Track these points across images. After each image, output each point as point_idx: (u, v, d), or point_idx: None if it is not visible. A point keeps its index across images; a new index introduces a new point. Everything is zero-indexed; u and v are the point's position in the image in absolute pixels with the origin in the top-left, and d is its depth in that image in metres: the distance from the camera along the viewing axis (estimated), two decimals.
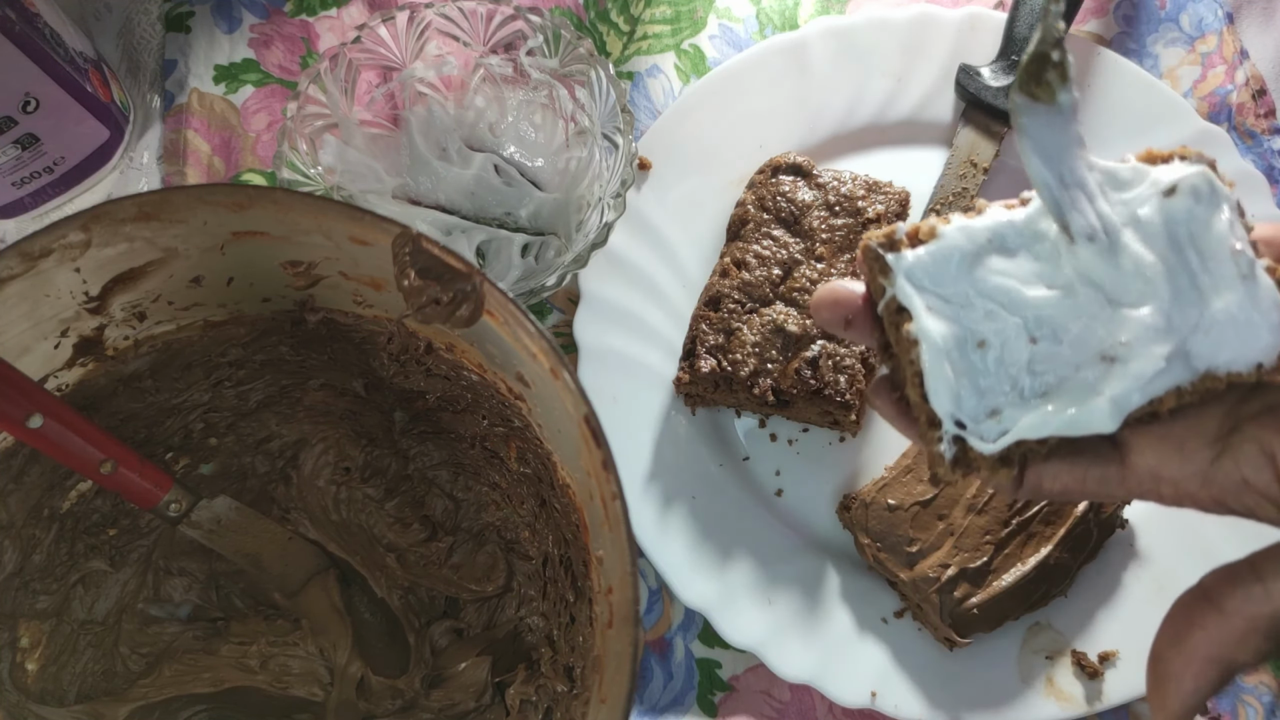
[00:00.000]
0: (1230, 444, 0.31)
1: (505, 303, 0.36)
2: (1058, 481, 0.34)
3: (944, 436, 0.32)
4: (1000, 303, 0.32)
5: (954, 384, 0.32)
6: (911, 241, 0.33)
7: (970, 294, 0.32)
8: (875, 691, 0.53)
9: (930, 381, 0.32)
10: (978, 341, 0.32)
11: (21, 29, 0.51)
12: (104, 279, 0.39)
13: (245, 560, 0.50)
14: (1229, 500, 0.31)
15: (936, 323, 0.32)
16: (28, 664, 0.47)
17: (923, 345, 0.32)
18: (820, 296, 0.36)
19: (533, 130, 0.61)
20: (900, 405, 0.35)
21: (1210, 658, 0.30)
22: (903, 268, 0.32)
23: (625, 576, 0.34)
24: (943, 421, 0.32)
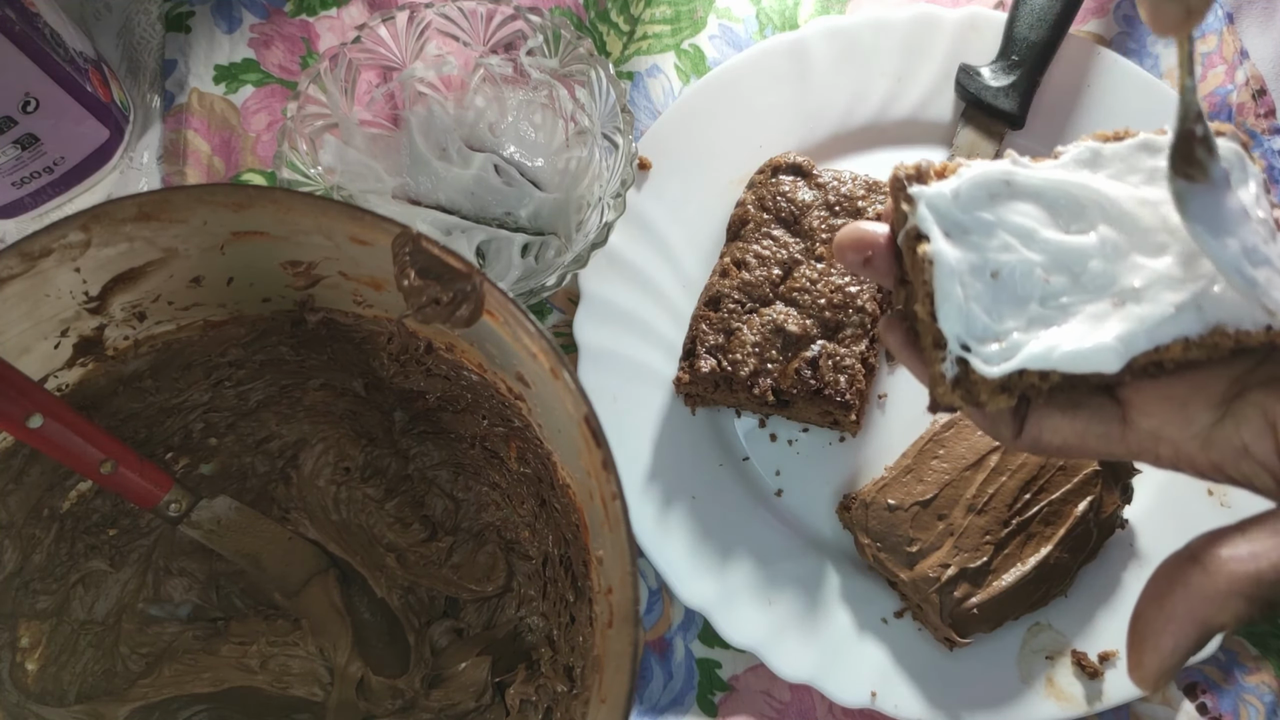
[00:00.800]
0: (1234, 408, 0.31)
1: (505, 303, 0.36)
2: (1058, 435, 0.34)
3: (948, 356, 0.32)
4: (1018, 237, 0.33)
5: (963, 306, 0.32)
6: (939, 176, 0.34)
7: (989, 226, 0.33)
8: (875, 691, 0.53)
9: (940, 300, 0.32)
10: (991, 271, 0.32)
11: (21, 29, 0.51)
12: (104, 279, 0.39)
13: (245, 560, 0.50)
14: (1227, 466, 0.31)
15: (952, 246, 0.32)
16: (28, 664, 0.47)
17: (936, 264, 0.32)
18: (844, 236, 0.36)
19: (533, 130, 0.61)
20: (909, 336, 0.35)
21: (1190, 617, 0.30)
22: (925, 197, 0.33)
23: (625, 576, 0.34)
24: (948, 341, 0.32)
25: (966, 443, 0.54)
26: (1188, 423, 0.31)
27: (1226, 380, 0.31)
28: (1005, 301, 0.32)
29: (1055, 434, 0.34)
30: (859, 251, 0.36)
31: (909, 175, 0.34)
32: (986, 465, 0.53)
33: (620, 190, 0.53)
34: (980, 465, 0.53)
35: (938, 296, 0.32)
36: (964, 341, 0.32)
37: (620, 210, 0.53)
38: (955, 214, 0.33)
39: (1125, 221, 0.33)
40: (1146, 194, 0.33)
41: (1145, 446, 0.33)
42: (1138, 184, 0.33)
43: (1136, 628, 0.31)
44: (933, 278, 0.32)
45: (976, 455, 0.53)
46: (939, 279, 0.32)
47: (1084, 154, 0.34)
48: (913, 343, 0.35)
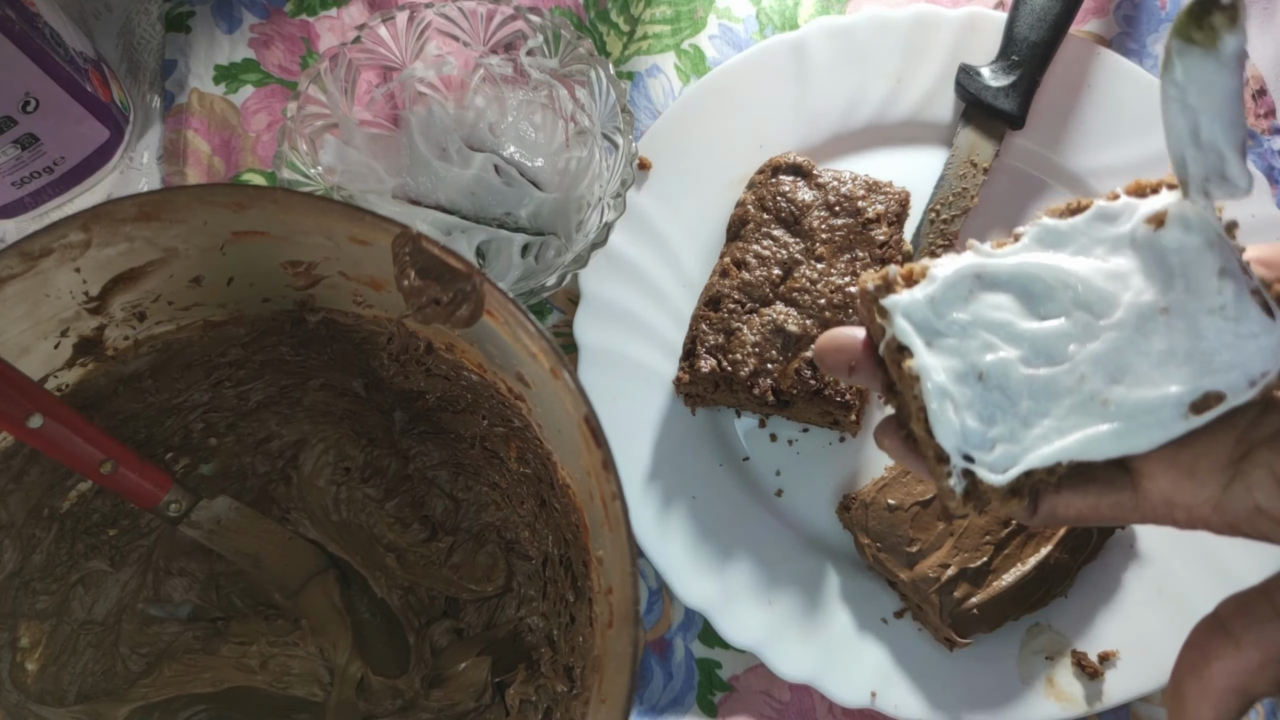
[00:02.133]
0: (1242, 470, 0.31)
1: (505, 303, 0.36)
2: (1071, 509, 0.34)
3: (953, 471, 0.32)
4: (997, 334, 0.33)
5: (957, 417, 0.32)
6: (906, 282, 0.33)
7: (967, 328, 0.33)
8: (875, 691, 0.53)
9: (934, 416, 0.32)
10: (978, 374, 0.32)
11: (21, 29, 0.51)
12: (104, 279, 0.39)
13: (245, 560, 0.50)
14: (1242, 526, 0.31)
15: (936, 358, 0.32)
16: (28, 664, 0.47)
17: (924, 380, 0.32)
18: (823, 344, 0.37)
19: (533, 130, 0.61)
20: (908, 443, 0.35)
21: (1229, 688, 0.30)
22: (900, 308, 0.33)
23: (625, 576, 0.34)
24: (950, 456, 0.32)
25: None
26: (1199, 488, 0.31)
27: (1231, 441, 0.31)
28: (997, 404, 0.32)
29: (1069, 509, 0.34)
30: (840, 359, 0.36)
31: (878, 287, 0.33)
32: None
33: (620, 190, 0.53)
34: None
35: (931, 413, 0.32)
36: (965, 453, 0.32)
37: (620, 210, 0.53)
38: (932, 321, 0.33)
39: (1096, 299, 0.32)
40: (1114, 266, 0.32)
41: (1160, 512, 0.33)
42: (1104, 256, 0.33)
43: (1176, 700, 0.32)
44: (923, 393, 0.32)
45: None
46: (929, 396, 0.32)
47: (1042, 233, 0.34)
48: (913, 449, 0.35)
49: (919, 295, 0.33)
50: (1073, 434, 0.32)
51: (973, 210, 0.60)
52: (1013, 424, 0.32)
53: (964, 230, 0.60)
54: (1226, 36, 0.30)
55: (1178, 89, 0.30)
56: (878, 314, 0.33)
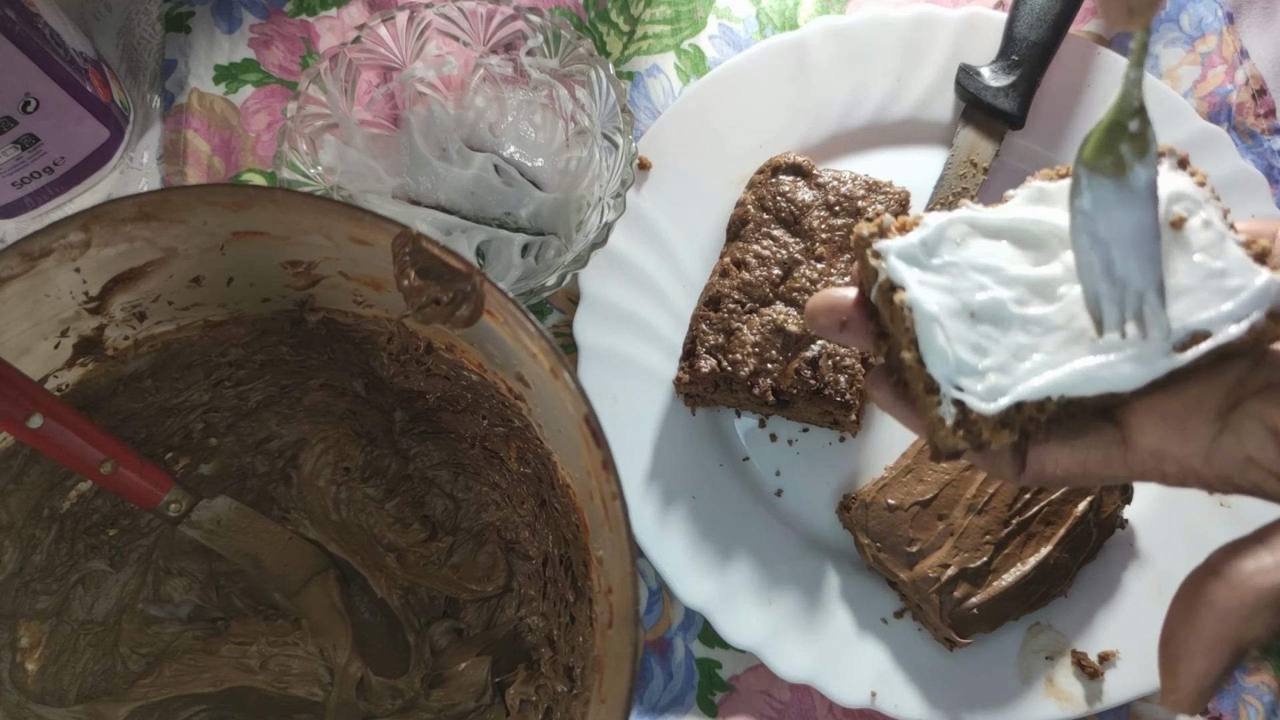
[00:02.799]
0: (1232, 420, 0.30)
1: (505, 303, 0.36)
2: (1059, 465, 0.34)
3: (943, 399, 0.32)
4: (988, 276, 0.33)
5: (949, 347, 0.32)
6: (900, 231, 0.34)
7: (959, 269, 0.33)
8: (875, 691, 0.53)
9: (925, 345, 0.32)
10: (969, 311, 0.32)
11: (21, 29, 0.51)
12: (104, 279, 0.39)
13: (245, 560, 0.50)
14: (1234, 477, 0.31)
15: (928, 291, 0.33)
16: (28, 664, 0.47)
17: (915, 310, 0.32)
18: (815, 303, 0.37)
19: (533, 130, 0.61)
20: (898, 390, 0.35)
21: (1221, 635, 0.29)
22: (894, 249, 0.33)
23: (625, 576, 0.34)
24: (940, 385, 0.32)
25: None
26: (1188, 439, 0.31)
27: (1221, 392, 0.31)
28: (988, 337, 0.32)
29: (1057, 464, 0.34)
30: (832, 317, 0.36)
31: (873, 233, 0.34)
32: None
33: (620, 190, 0.53)
34: None
35: (922, 342, 0.32)
36: (956, 382, 0.32)
37: (620, 210, 0.53)
38: (925, 260, 0.33)
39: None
40: None
41: (1149, 466, 0.33)
42: None
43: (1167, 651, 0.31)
44: (914, 324, 0.32)
45: None
46: (921, 324, 0.32)
47: (1033, 194, 0.34)
48: (901, 395, 0.35)
49: (913, 239, 0.33)
50: (1063, 367, 0.32)
51: None
52: (1004, 356, 0.32)
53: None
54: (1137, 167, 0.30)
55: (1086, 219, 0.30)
56: (871, 257, 0.33)
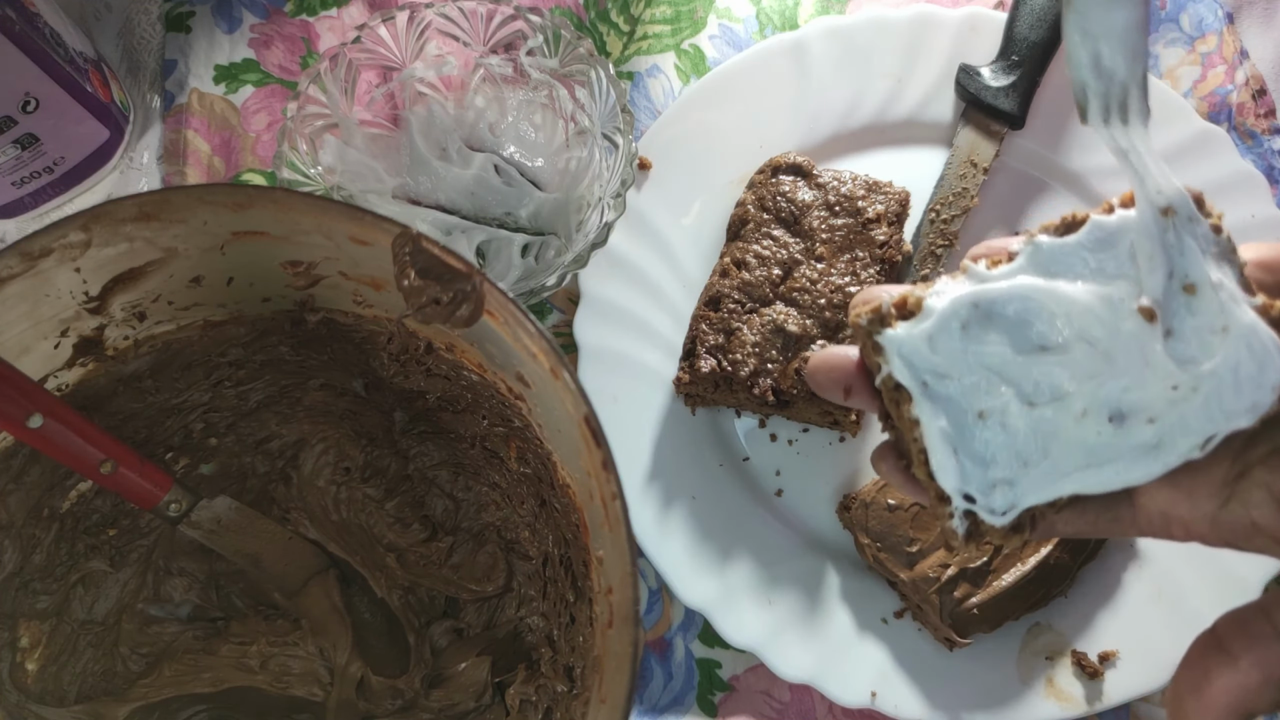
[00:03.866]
0: (1238, 489, 0.31)
1: (505, 303, 0.36)
2: (1070, 526, 0.34)
3: (955, 512, 0.32)
4: (995, 371, 0.32)
5: (958, 460, 0.32)
6: (900, 312, 0.32)
7: (964, 366, 0.32)
8: (875, 691, 0.53)
9: (935, 460, 0.32)
10: (977, 412, 0.32)
11: (21, 29, 0.51)
12: (104, 279, 0.39)
13: (245, 560, 0.50)
14: (1239, 542, 0.31)
15: (935, 402, 0.32)
16: (28, 664, 0.47)
17: (925, 427, 0.32)
18: (816, 365, 0.37)
19: (533, 130, 0.61)
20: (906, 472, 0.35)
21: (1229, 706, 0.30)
22: (895, 347, 0.32)
23: (625, 576, 0.34)
24: (951, 498, 0.32)
25: None
26: (1195, 505, 0.32)
27: (1227, 461, 0.31)
28: (996, 444, 0.32)
29: (1068, 525, 0.34)
30: (834, 380, 0.36)
31: (872, 320, 0.32)
32: None
33: (620, 190, 0.53)
34: None
35: (932, 456, 0.32)
36: (966, 493, 0.32)
37: (620, 210, 0.53)
38: (930, 360, 0.32)
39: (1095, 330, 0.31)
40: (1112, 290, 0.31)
41: (1157, 526, 0.33)
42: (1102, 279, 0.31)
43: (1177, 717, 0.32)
44: (922, 437, 0.32)
45: None
46: (931, 443, 0.32)
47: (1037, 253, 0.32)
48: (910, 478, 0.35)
49: (915, 333, 0.32)
50: (1073, 474, 0.32)
51: (973, 210, 0.60)
52: (1012, 464, 0.32)
53: (964, 230, 0.60)
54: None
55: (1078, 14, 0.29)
56: (872, 349, 0.33)
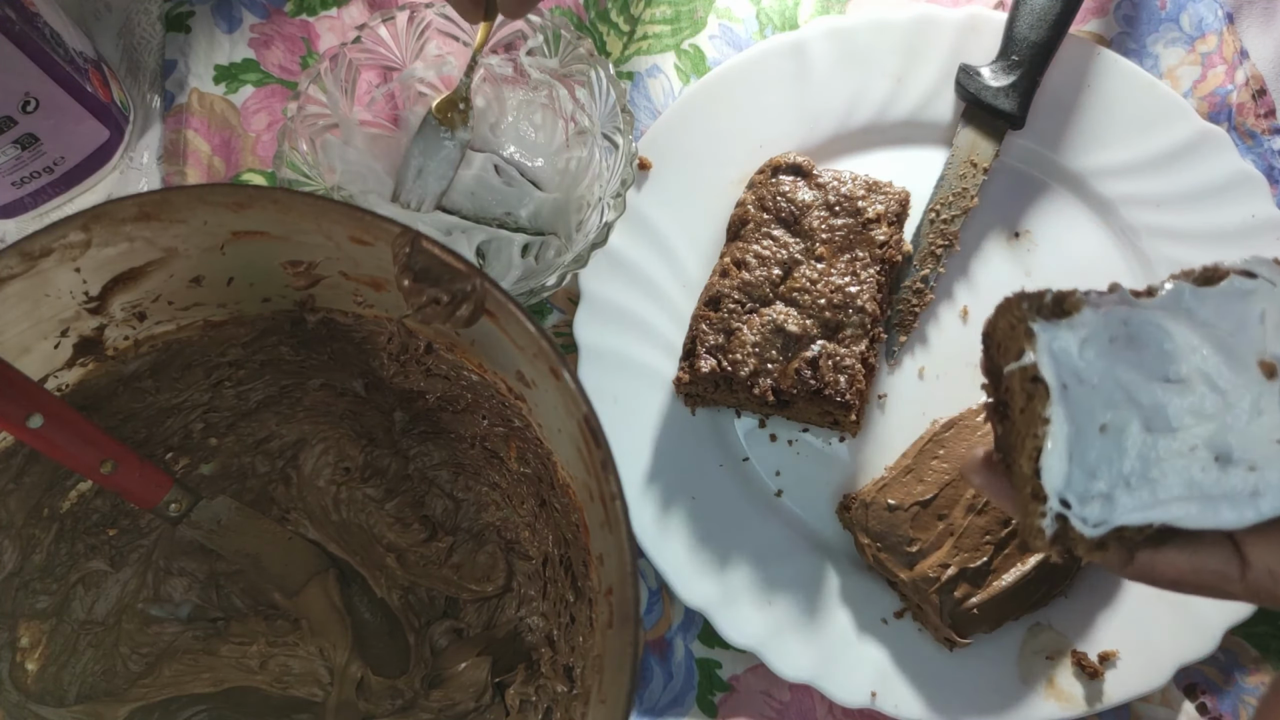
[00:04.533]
0: None
1: (505, 303, 0.36)
2: (1172, 568, 0.34)
3: (1047, 512, 0.33)
4: (1126, 390, 0.33)
5: (1068, 464, 0.32)
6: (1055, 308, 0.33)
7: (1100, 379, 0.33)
8: (875, 691, 0.53)
9: (1049, 459, 0.32)
10: (1100, 425, 0.32)
11: (21, 29, 0.51)
12: (104, 279, 0.39)
13: (245, 560, 0.50)
14: None
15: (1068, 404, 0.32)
16: (28, 664, 0.47)
17: (1053, 425, 0.32)
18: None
19: (533, 130, 0.61)
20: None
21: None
22: (1049, 340, 0.33)
23: (625, 576, 0.34)
24: (1049, 497, 0.32)
25: (967, 443, 0.54)
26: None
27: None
28: (1106, 458, 0.32)
29: (1170, 567, 0.34)
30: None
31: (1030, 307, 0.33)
32: None
33: (620, 190, 0.53)
34: None
35: (1046, 455, 0.32)
36: (1064, 498, 0.32)
37: (620, 210, 0.53)
38: (1076, 363, 0.33)
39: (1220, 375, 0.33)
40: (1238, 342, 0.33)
41: (1263, 585, 0.33)
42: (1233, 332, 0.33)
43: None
44: (1045, 435, 0.32)
45: None
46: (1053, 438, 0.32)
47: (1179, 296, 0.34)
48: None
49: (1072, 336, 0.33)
50: (1170, 504, 0.32)
51: (973, 210, 0.60)
52: (1115, 481, 0.32)
53: (964, 230, 0.60)
54: None
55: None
56: (1023, 335, 0.33)
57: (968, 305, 0.60)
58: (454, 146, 0.58)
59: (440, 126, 0.58)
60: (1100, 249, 0.60)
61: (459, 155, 0.58)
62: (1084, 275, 0.60)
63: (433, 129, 0.58)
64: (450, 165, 0.58)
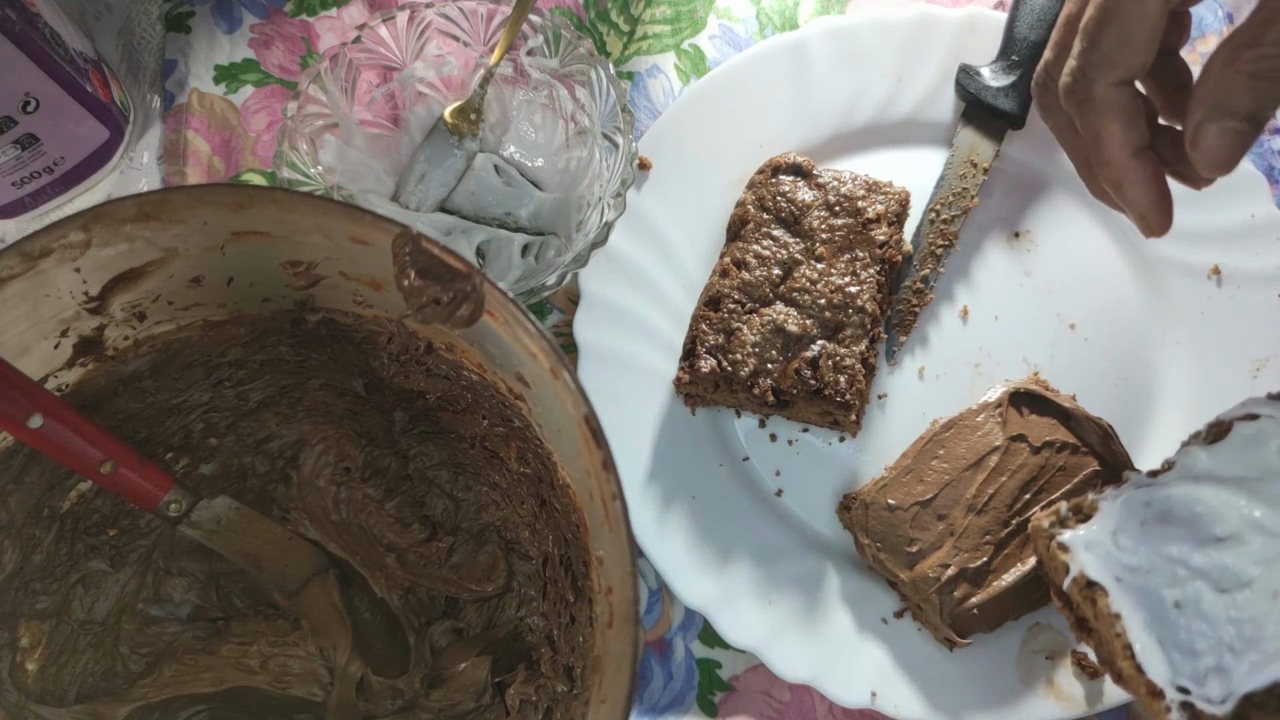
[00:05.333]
0: None
1: (505, 303, 0.36)
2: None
3: (1171, 705, 0.33)
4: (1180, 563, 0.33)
5: (1164, 650, 0.32)
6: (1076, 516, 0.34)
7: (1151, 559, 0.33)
8: (875, 691, 0.53)
9: (1141, 652, 0.33)
10: (1173, 602, 0.33)
11: (21, 29, 0.51)
12: (104, 279, 0.39)
13: (245, 560, 0.50)
14: None
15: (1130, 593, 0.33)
16: (28, 664, 0.47)
17: (1126, 620, 0.33)
18: None
19: (533, 130, 0.61)
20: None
21: None
22: (1081, 544, 0.34)
23: (625, 576, 0.34)
24: (1165, 691, 0.33)
25: (966, 443, 0.54)
26: None
27: None
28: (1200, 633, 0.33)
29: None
30: None
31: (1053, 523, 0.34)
32: (986, 465, 0.53)
33: (620, 190, 0.53)
34: (980, 465, 0.53)
35: (1138, 649, 0.33)
36: (1180, 684, 0.32)
37: (620, 210, 0.53)
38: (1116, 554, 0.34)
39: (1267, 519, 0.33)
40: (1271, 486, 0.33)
41: None
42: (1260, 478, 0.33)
43: None
44: (1126, 633, 0.33)
45: (976, 456, 0.53)
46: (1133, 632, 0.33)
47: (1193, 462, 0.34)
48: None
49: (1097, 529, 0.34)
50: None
51: (973, 210, 0.60)
52: (1220, 651, 0.32)
53: (964, 230, 0.60)
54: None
55: None
56: (1058, 551, 0.34)
57: (968, 305, 0.60)
58: (461, 156, 0.58)
59: (450, 135, 0.58)
60: (1100, 249, 0.60)
61: (465, 165, 0.58)
62: (1084, 275, 0.60)
63: (442, 136, 0.58)
64: (455, 174, 0.58)
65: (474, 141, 0.58)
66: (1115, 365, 0.59)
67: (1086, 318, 0.59)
